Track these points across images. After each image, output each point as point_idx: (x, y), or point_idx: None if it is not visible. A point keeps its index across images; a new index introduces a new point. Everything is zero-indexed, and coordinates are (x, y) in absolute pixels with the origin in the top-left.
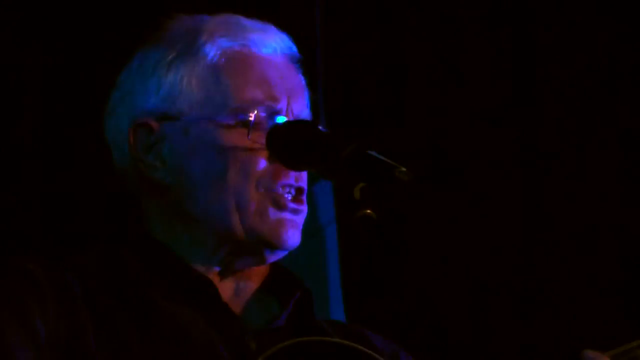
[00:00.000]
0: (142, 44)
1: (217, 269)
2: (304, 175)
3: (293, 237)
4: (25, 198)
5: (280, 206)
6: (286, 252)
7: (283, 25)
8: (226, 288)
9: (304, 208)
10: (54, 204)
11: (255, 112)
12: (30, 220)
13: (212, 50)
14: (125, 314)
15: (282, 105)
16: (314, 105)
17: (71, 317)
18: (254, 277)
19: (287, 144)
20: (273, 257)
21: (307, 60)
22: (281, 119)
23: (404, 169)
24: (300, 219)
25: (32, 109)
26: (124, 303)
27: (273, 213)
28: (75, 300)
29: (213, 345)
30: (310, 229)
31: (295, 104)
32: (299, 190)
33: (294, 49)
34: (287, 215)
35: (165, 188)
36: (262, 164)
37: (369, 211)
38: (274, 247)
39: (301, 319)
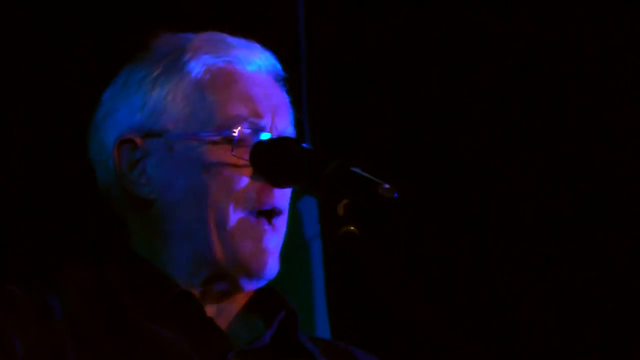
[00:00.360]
0: (126, 61)
1: (199, 288)
2: (287, 196)
3: (272, 266)
4: (5, 217)
5: (263, 233)
6: (265, 282)
7: (267, 44)
8: (208, 308)
9: (283, 233)
10: (35, 223)
11: (239, 128)
12: (10, 240)
13: (196, 67)
14: (106, 334)
15: (266, 122)
16: (298, 124)
17: (51, 338)
18: (238, 298)
19: (271, 160)
20: (251, 286)
21: (292, 78)
22: (265, 136)
23: (387, 186)
24: (278, 246)
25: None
26: (105, 323)
27: (252, 240)
28: (55, 321)
29: None
30: (296, 244)
31: (279, 121)
32: (279, 212)
33: (279, 67)
34: (265, 243)
35: (149, 204)
36: (245, 181)
37: (352, 228)
38: (252, 276)
39: (285, 339)
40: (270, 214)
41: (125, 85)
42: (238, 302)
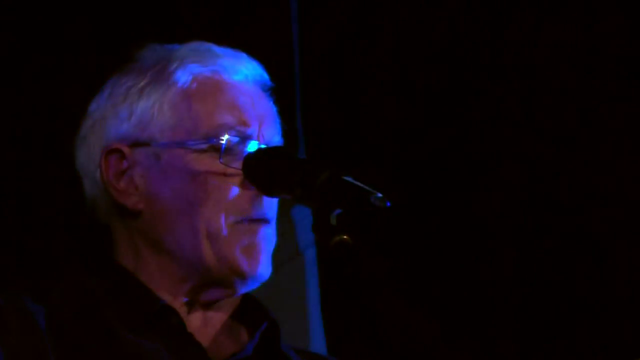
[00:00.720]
0: (112, 72)
1: (184, 299)
2: (275, 205)
3: (265, 267)
4: None
5: (252, 235)
6: (258, 284)
7: (261, 50)
8: (194, 318)
9: (273, 241)
10: (21, 233)
11: (226, 136)
12: None
13: (183, 76)
14: (88, 345)
15: (253, 130)
16: (292, 134)
17: (33, 347)
18: (224, 307)
19: (263, 170)
20: (244, 288)
21: (285, 88)
22: (253, 144)
23: (380, 195)
24: (270, 249)
25: None
26: (88, 333)
27: (245, 242)
28: (38, 330)
29: None
30: (290, 253)
31: (266, 130)
32: (268, 222)
33: (266, 76)
34: (258, 245)
35: (136, 214)
36: (234, 190)
37: (345, 237)
38: (245, 277)
39: (268, 350)
40: (259, 223)
41: (112, 95)
42: (223, 314)
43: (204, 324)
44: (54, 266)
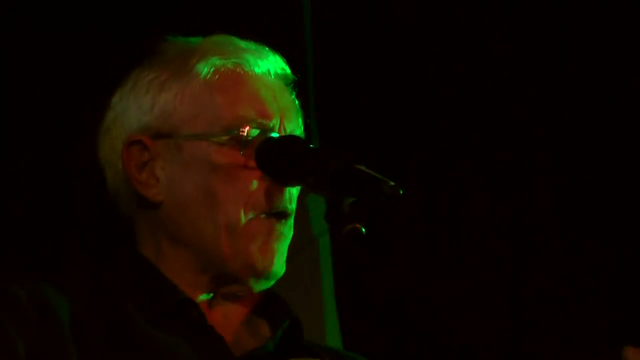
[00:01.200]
0: (135, 65)
1: (205, 292)
2: (295, 198)
3: (279, 266)
4: (13, 218)
5: (270, 233)
6: (272, 282)
7: (275, 47)
8: (214, 312)
9: (290, 235)
10: (43, 224)
11: (248, 128)
12: (17, 239)
13: (205, 69)
14: (108, 337)
15: (274, 123)
16: (306, 127)
17: (53, 339)
18: (245, 302)
19: (276, 159)
20: (259, 286)
21: (299, 81)
22: (273, 134)
23: (392, 183)
24: (286, 247)
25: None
26: (108, 325)
27: (261, 239)
28: (57, 322)
29: None
30: (303, 241)
31: (287, 123)
32: (288, 215)
33: (288, 70)
34: (274, 242)
35: (157, 206)
36: (254, 182)
37: (357, 225)
38: (259, 274)
39: (290, 347)
40: (279, 216)
41: (135, 88)
42: (244, 308)
43: (225, 318)
44: (76, 258)
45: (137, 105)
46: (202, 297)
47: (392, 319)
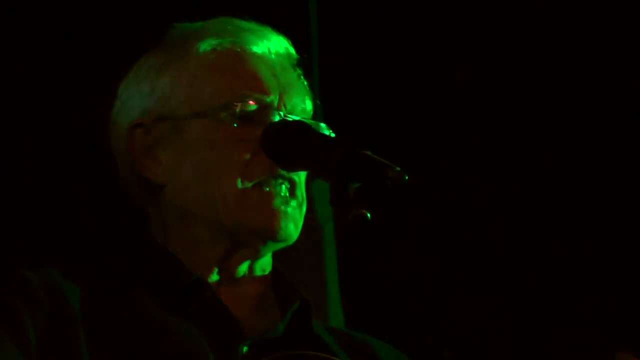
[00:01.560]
0: (139, 55)
1: (216, 270)
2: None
3: (286, 229)
4: (25, 206)
5: (271, 199)
6: (281, 244)
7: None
8: (226, 292)
9: (299, 200)
10: (54, 211)
11: (243, 106)
12: (31, 228)
13: (202, 47)
14: (120, 323)
15: (272, 99)
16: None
17: (64, 325)
18: (256, 283)
19: (280, 144)
20: (267, 250)
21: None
22: (273, 113)
23: (398, 169)
24: (295, 211)
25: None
26: (120, 312)
27: (263, 204)
28: (69, 308)
29: (204, 355)
30: (308, 227)
31: (288, 100)
32: (291, 183)
33: (291, 50)
34: (278, 206)
35: (162, 188)
36: (253, 156)
37: (363, 211)
38: (265, 237)
39: (299, 329)
40: (276, 180)
41: (137, 75)
42: (255, 289)
43: (237, 300)
44: (86, 244)
45: (138, 92)
46: (214, 278)
47: (394, 305)
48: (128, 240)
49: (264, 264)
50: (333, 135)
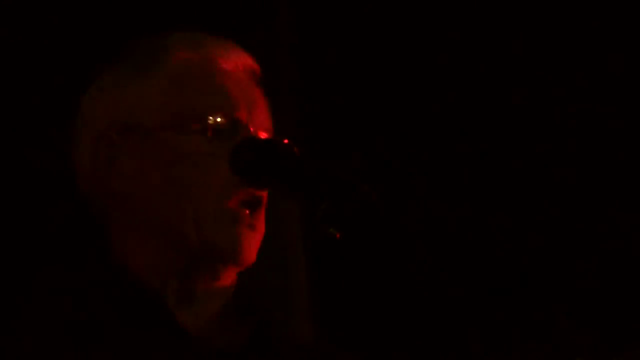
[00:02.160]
0: (104, 65)
1: (175, 288)
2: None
3: (249, 255)
4: None
5: (238, 221)
6: (241, 268)
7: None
8: (184, 310)
9: (262, 225)
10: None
11: (215, 119)
12: None
13: (171, 60)
14: (77, 342)
15: (241, 114)
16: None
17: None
18: (215, 299)
19: (249, 163)
20: (226, 271)
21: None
22: (243, 129)
23: (367, 189)
24: (258, 235)
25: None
26: (77, 330)
27: (230, 227)
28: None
29: None
30: (276, 245)
31: (255, 116)
32: (258, 205)
33: (255, 66)
34: (244, 230)
35: (125, 200)
36: (222, 173)
37: (331, 230)
38: (227, 261)
39: (260, 345)
40: (246, 206)
41: (101, 86)
42: (214, 305)
43: (195, 317)
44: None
45: (103, 103)
46: (172, 295)
47: (363, 319)
48: (85, 258)
49: (225, 281)
50: (299, 154)
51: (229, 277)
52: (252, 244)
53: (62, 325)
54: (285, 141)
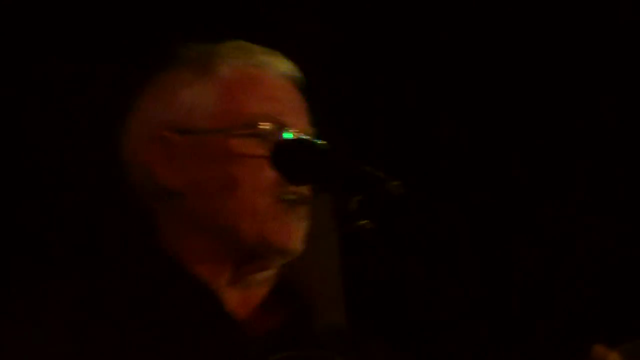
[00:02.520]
0: (157, 68)
1: (224, 278)
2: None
3: (299, 246)
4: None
5: (287, 215)
6: (292, 258)
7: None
8: (232, 297)
9: (307, 218)
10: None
11: (265, 124)
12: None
13: (225, 69)
14: (128, 329)
15: (288, 120)
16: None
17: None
18: (261, 286)
19: (287, 161)
20: (277, 263)
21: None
22: (287, 135)
23: (396, 183)
24: (303, 228)
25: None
26: (128, 318)
27: (280, 222)
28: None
29: (212, 356)
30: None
31: (300, 122)
32: (303, 200)
33: (298, 74)
34: (294, 223)
35: (181, 198)
36: (270, 172)
37: (365, 222)
38: (280, 253)
39: (301, 331)
40: (294, 201)
41: (157, 88)
42: (260, 292)
43: (242, 303)
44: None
45: (160, 105)
46: (221, 284)
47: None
48: (137, 248)
49: (271, 270)
50: (334, 151)
51: (275, 266)
52: (299, 236)
53: (121, 309)
54: (322, 142)
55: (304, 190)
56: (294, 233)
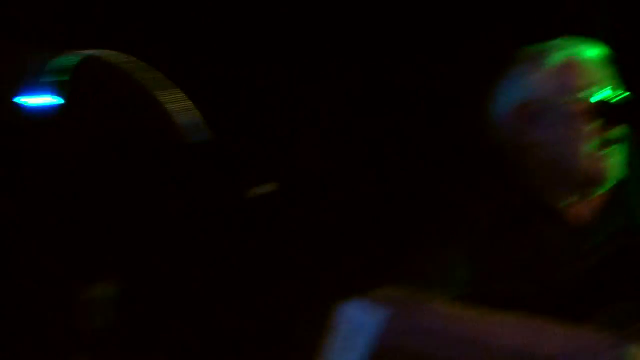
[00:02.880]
0: (511, 63)
1: (564, 200)
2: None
3: (613, 177)
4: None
5: (607, 157)
6: (610, 186)
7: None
8: (570, 213)
9: (623, 156)
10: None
11: (586, 94)
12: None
13: (555, 58)
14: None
15: (599, 88)
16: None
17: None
18: (592, 203)
19: (603, 114)
20: (597, 192)
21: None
22: (599, 96)
23: None
24: (619, 163)
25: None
26: (503, 231)
27: (602, 162)
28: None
29: (560, 253)
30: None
31: (607, 86)
32: (618, 140)
33: (603, 52)
34: (611, 162)
35: (538, 148)
36: (596, 124)
37: None
38: (601, 182)
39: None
40: (609, 144)
41: (513, 75)
42: (591, 207)
43: (576, 217)
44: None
45: (518, 85)
46: (561, 204)
47: None
48: (505, 183)
49: (596, 195)
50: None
51: (597, 193)
52: (616, 169)
53: (496, 229)
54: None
55: (617, 132)
56: (608, 170)
